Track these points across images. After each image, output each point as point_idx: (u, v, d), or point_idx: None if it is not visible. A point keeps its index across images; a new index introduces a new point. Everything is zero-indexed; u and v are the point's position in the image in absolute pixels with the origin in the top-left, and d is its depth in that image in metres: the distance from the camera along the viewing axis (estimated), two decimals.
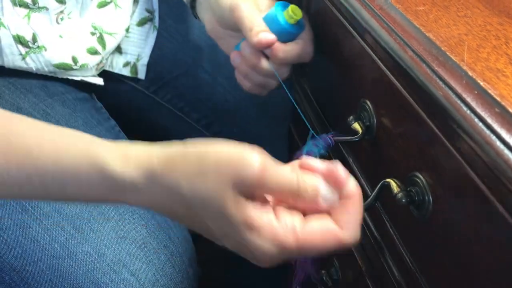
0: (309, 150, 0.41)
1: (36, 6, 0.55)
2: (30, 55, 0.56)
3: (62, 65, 0.58)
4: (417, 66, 0.28)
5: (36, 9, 0.55)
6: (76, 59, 0.59)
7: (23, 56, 0.56)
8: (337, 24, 0.42)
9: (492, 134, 0.24)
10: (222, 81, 0.72)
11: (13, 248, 0.50)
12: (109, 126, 0.61)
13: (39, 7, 0.55)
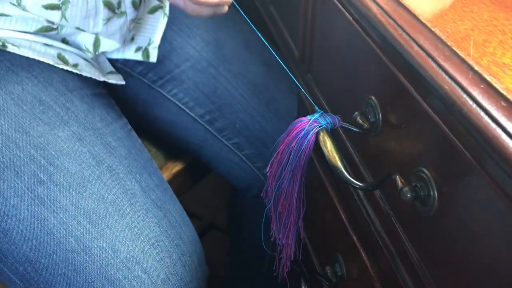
0: (315, 119, 0.40)
1: None
2: None
3: (108, 3, 0.59)
4: (423, 61, 0.28)
5: None
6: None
7: None
8: (342, 19, 0.42)
9: (498, 128, 0.24)
10: (227, 76, 0.72)
11: (29, 240, 0.51)
12: (122, 124, 0.61)
13: None
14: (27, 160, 0.53)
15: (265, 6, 0.71)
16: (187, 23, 0.73)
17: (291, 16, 0.61)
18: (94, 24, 0.61)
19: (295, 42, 0.60)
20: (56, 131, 0.54)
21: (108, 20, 0.61)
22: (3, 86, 0.55)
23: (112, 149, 0.57)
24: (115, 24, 0.62)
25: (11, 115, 0.54)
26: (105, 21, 0.61)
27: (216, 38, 0.73)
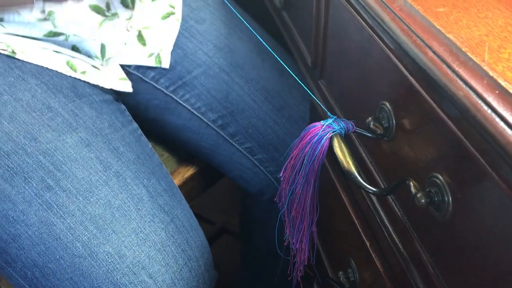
0: (329, 124, 0.40)
1: None
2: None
3: (96, 8, 0.61)
4: (438, 67, 0.29)
5: None
6: (110, 7, 0.63)
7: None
8: (356, 25, 0.42)
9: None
10: (239, 81, 0.73)
11: (36, 245, 0.51)
12: (132, 129, 0.62)
13: None
14: (36, 166, 0.53)
15: (278, 12, 0.71)
16: (199, 30, 0.74)
17: (303, 21, 0.61)
18: (88, 29, 0.62)
19: (307, 48, 0.60)
20: (64, 137, 0.55)
21: (101, 24, 0.61)
22: (13, 93, 0.56)
23: (120, 154, 0.58)
24: (109, 27, 0.63)
25: (20, 121, 0.55)
26: (98, 25, 0.61)
27: (228, 44, 0.74)
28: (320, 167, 0.42)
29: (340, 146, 0.40)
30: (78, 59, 0.63)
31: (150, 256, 0.54)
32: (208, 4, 0.77)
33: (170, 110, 0.73)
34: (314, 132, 0.41)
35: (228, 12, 0.78)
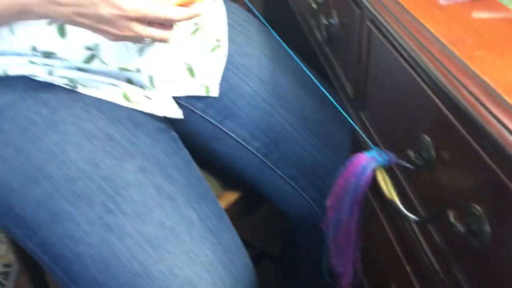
0: (372, 155, 0.43)
1: None
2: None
3: None
4: (474, 107, 0.31)
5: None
6: None
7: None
8: (396, 63, 0.45)
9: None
10: (281, 111, 0.76)
11: (98, 263, 0.56)
12: (183, 156, 0.67)
13: None
14: (97, 190, 0.58)
15: (320, 46, 0.75)
16: (244, 63, 0.78)
17: (345, 55, 0.64)
18: (132, 58, 0.66)
19: (349, 80, 0.63)
20: (123, 164, 0.60)
21: (142, 50, 0.66)
22: (78, 123, 0.62)
23: (173, 179, 0.62)
24: (151, 52, 0.67)
25: (84, 149, 0.60)
26: (139, 52, 0.66)
27: (271, 76, 0.78)
28: (364, 196, 0.44)
29: (383, 177, 0.43)
30: (133, 91, 0.69)
31: (200, 276, 0.57)
32: (252, 39, 0.81)
33: (217, 139, 0.77)
34: (358, 163, 0.44)
35: (271, 47, 0.82)
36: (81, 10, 0.52)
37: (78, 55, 0.62)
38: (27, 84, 0.64)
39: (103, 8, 0.51)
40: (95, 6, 0.51)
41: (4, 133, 0.60)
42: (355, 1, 0.55)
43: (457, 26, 0.40)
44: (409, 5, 0.44)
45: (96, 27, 0.54)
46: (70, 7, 0.52)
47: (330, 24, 0.67)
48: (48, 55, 0.62)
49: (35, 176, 0.58)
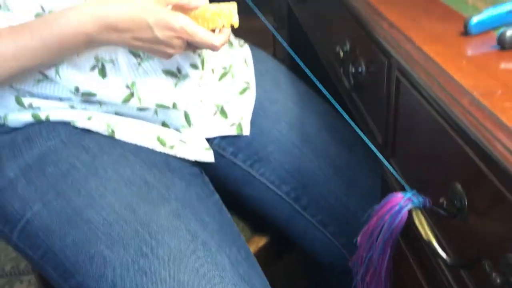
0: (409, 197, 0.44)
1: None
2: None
3: (169, 72, 0.69)
4: (507, 159, 0.32)
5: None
6: (181, 70, 0.70)
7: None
8: (426, 113, 0.46)
9: None
10: (311, 156, 0.78)
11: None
12: (215, 200, 0.68)
13: None
14: (133, 235, 0.60)
15: (348, 93, 0.77)
16: (274, 109, 0.81)
17: (373, 103, 0.66)
18: (166, 92, 0.68)
19: (378, 127, 0.64)
20: (159, 209, 0.62)
21: (176, 85, 0.69)
22: (116, 169, 0.64)
23: (205, 224, 0.64)
24: (183, 86, 0.69)
25: (122, 195, 0.62)
26: (173, 85, 0.68)
27: (299, 121, 0.80)
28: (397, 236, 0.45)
29: (419, 219, 0.44)
30: (167, 134, 0.71)
31: None
32: (281, 86, 0.84)
33: (247, 183, 0.79)
34: (394, 202, 0.45)
35: (299, 93, 0.85)
36: (138, 35, 0.58)
37: (117, 94, 0.66)
38: (68, 129, 0.67)
39: (158, 31, 0.57)
40: (151, 30, 0.57)
41: (47, 177, 0.63)
42: (382, 51, 0.57)
43: (486, 77, 0.41)
44: (436, 56, 0.46)
45: (151, 48, 0.60)
46: (128, 33, 0.58)
47: (357, 72, 0.69)
48: (89, 96, 0.65)
49: (74, 220, 0.60)
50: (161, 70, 0.68)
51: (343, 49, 0.74)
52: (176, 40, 0.59)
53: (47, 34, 0.57)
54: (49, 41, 0.57)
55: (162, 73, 0.68)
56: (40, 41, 0.57)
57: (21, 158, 0.65)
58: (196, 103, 0.72)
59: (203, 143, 0.76)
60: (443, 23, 0.53)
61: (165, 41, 0.58)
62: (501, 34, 0.45)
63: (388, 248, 0.45)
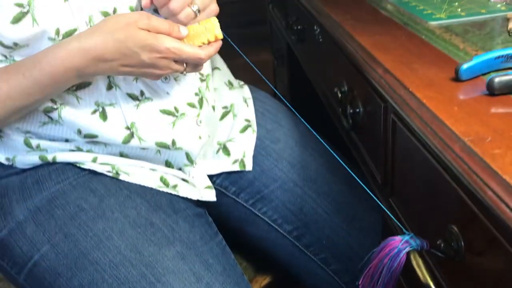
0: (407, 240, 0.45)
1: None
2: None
3: (166, 111, 0.70)
4: (497, 205, 0.34)
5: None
6: (178, 109, 0.71)
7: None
8: (421, 156, 0.48)
9: None
10: (312, 195, 0.79)
11: None
12: (218, 241, 0.69)
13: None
14: (139, 277, 0.61)
15: (347, 133, 0.79)
16: (275, 148, 0.83)
17: (372, 143, 0.68)
18: (165, 131, 0.70)
19: (377, 167, 0.66)
20: (164, 251, 0.63)
21: (174, 124, 0.70)
22: (123, 211, 0.66)
23: (209, 266, 0.65)
24: (182, 124, 0.71)
25: (127, 236, 0.64)
26: (172, 124, 0.70)
27: (300, 160, 0.82)
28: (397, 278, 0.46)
29: (417, 261, 0.45)
30: (170, 174, 0.73)
31: None
32: (282, 125, 0.87)
33: (249, 222, 0.80)
34: (393, 245, 0.46)
35: (300, 132, 0.87)
36: (126, 61, 0.59)
37: (118, 136, 0.68)
38: (75, 171, 0.69)
39: (144, 55, 0.59)
40: (137, 54, 0.59)
41: (55, 220, 0.65)
42: (378, 94, 0.60)
43: (476, 124, 0.43)
44: (429, 102, 0.48)
45: (140, 72, 0.62)
46: (116, 61, 0.59)
47: (355, 112, 0.71)
48: (92, 138, 0.67)
49: (81, 262, 0.62)
50: (158, 110, 0.70)
51: (341, 90, 0.76)
52: (163, 61, 0.60)
53: (38, 72, 0.59)
54: (41, 79, 0.59)
55: (159, 113, 0.70)
56: (32, 79, 0.59)
57: (30, 200, 0.67)
58: (195, 140, 0.73)
59: (205, 182, 0.77)
60: (435, 68, 0.55)
61: (152, 63, 0.60)
62: (490, 81, 0.47)
63: None
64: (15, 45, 0.60)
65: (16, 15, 0.57)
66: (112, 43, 0.58)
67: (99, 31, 0.59)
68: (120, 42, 0.58)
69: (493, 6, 0.71)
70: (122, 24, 0.58)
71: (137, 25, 0.58)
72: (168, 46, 0.59)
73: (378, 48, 0.62)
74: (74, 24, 0.60)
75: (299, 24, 1.07)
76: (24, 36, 0.59)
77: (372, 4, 0.82)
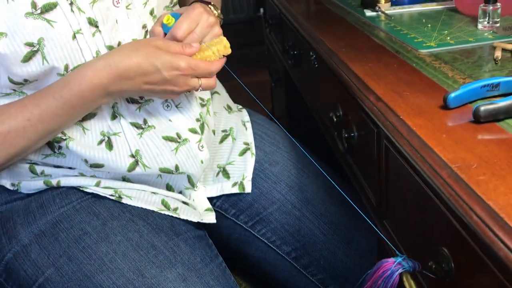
0: (399, 261, 0.47)
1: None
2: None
3: (169, 138, 0.72)
4: (482, 229, 0.36)
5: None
6: (180, 135, 0.73)
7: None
8: (412, 181, 0.50)
9: None
10: (310, 216, 0.81)
11: None
12: (218, 263, 0.71)
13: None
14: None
15: (342, 156, 0.81)
16: (274, 171, 0.85)
17: (366, 166, 0.70)
18: (168, 157, 0.72)
19: (371, 189, 0.68)
20: (166, 273, 0.65)
21: (177, 150, 0.73)
22: (125, 234, 0.68)
23: (210, 287, 0.66)
24: (184, 150, 0.73)
25: (130, 259, 0.65)
26: (174, 150, 0.73)
27: (298, 183, 0.84)
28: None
29: (409, 282, 0.47)
30: (171, 197, 0.75)
31: None
32: (280, 148, 0.89)
33: (249, 244, 0.82)
34: (386, 267, 0.48)
35: (298, 155, 0.89)
36: (147, 79, 0.63)
37: (123, 164, 0.70)
38: (79, 195, 0.71)
39: (165, 72, 0.62)
40: (159, 72, 0.62)
41: (59, 243, 0.66)
42: (371, 121, 0.62)
43: (463, 151, 0.46)
44: (419, 129, 0.51)
45: (161, 89, 0.65)
46: (138, 78, 0.62)
47: (350, 136, 0.74)
48: (97, 167, 0.70)
49: (85, 284, 0.63)
50: (161, 137, 0.72)
51: (336, 114, 0.79)
52: (182, 78, 0.64)
53: (67, 93, 0.61)
54: (70, 99, 0.61)
55: (162, 139, 0.72)
56: (62, 100, 0.61)
57: (35, 224, 0.69)
58: (198, 164, 0.76)
59: (205, 204, 0.80)
60: (425, 96, 0.58)
61: (172, 81, 0.63)
62: (476, 109, 0.50)
63: None
64: (25, 81, 0.62)
65: (26, 54, 0.60)
66: (135, 58, 0.61)
67: (123, 50, 0.63)
68: (143, 58, 0.61)
69: (481, 35, 0.75)
70: (141, 44, 0.63)
71: (155, 44, 0.62)
72: (186, 63, 0.63)
73: (371, 76, 0.65)
74: (82, 59, 0.63)
75: (295, 49, 1.11)
76: (34, 74, 0.61)
77: (365, 32, 0.85)
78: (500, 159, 0.44)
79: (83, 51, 0.63)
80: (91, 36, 0.63)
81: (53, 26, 0.60)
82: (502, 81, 0.53)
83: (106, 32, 0.64)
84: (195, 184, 0.78)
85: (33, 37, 0.59)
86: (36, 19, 0.59)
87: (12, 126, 0.61)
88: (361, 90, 0.64)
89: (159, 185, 0.76)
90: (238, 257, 0.84)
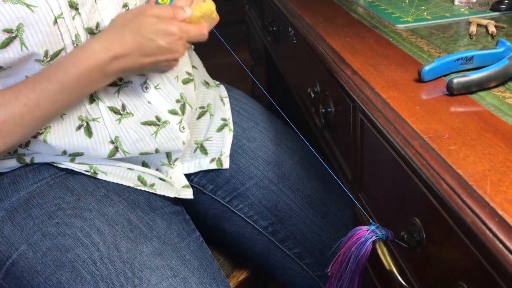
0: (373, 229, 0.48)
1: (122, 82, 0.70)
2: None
3: (148, 122, 0.71)
4: (451, 197, 0.37)
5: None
6: (160, 118, 0.72)
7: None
8: (386, 153, 0.51)
9: (510, 254, 0.31)
10: (287, 191, 0.82)
11: None
12: (195, 237, 0.71)
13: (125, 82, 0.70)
14: (117, 273, 0.62)
15: (320, 131, 0.81)
16: (251, 147, 0.85)
17: (342, 140, 0.71)
18: (148, 141, 0.71)
19: (347, 164, 0.69)
20: (141, 247, 0.65)
21: (157, 133, 0.72)
22: (100, 209, 0.67)
23: (186, 261, 0.66)
24: (164, 133, 0.72)
25: (105, 234, 0.65)
26: (154, 134, 0.72)
27: (275, 158, 0.84)
28: (364, 265, 0.49)
29: (382, 250, 0.48)
30: (148, 174, 0.75)
31: None
32: (258, 124, 0.89)
33: (226, 219, 0.82)
34: (360, 234, 0.49)
35: (275, 130, 0.89)
36: (144, 51, 0.61)
37: (103, 151, 0.68)
38: (53, 171, 0.70)
39: (160, 40, 0.61)
40: (153, 41, 0.60)
41: (32, 219, 0.65)
42: (347, 95, 0.62)
43: (435, 122, 0.46)
44: (393, 101, 0.51)
45: (162, 58, 0.63)
46: (136, 52, 0.61)
47: (327, 111, 0.74)
48: (77, 155, 0.68)
49: (60, 259, 0.63)
50: (139, 123, 0.70)
51: (314, 90, 0.79)
52: (178, 42, 0.62)
53: (63, 75, 0.59)
54: (67, 82, 0.59)
55: (141, 125, 0.70)
56: (58, 83, 0.59)
57: (7, 201, 0.67)
58: (179, 146, 0.74)
59: (183, 180, 0.79)
60: (400, 70, 0.58)
61: (170, 48, 0.62)
62: (449, 82, 0.50)
63: (356, 277, 0.49)
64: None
65: (4, 41, 0.57)
66: (128, 35, 0.60)
67: (114, 28, 0.61)
68: (135, 32, 0.60)
69: (457, 10, 0.75)
70: (131, 16, 0.61)
71: (144, 14, 0.60)
72: (177, 27, 0.61)
73: (348, 50, 0.65)
74: (62, 44, 0.61)
75: (275, 25, 1.10)
76: (10, 60, 0.59)
77: (343, 7, 0.85)
78: (471, 129, 0.44)
79: (63, 35, 0.61)
80: (71, 20, 0.61)
81: (33, 11, 0.57)
82: (475, 54, 0.54)
83: (85, 14, 0.62)
84: (172, 161, 0.77)
85: (11, 23, 0.56)
86: (15, 3, 0.56)
87: (8, 113, 0.58)
88: (337, 63, 0.64)
89: (135, 162, 0.75)
90: (215, 232, 0.84)
